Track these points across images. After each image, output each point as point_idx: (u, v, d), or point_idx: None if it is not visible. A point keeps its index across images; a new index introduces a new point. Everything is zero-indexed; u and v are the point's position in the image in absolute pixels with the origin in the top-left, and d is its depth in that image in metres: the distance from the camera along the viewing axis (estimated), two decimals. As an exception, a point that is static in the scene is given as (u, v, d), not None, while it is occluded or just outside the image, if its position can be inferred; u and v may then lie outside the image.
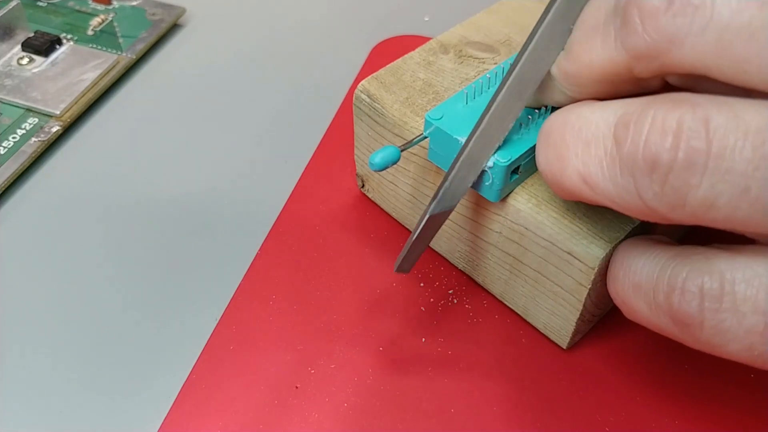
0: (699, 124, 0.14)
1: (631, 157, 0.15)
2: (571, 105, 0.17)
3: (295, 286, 0.23)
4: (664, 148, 0.14)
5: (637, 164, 0.15)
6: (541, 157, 0.17)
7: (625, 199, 0.15)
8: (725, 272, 0.15)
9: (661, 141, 0.14)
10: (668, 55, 0.15)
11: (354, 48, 0.33)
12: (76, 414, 0.20)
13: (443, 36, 0.25)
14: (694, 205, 0.14)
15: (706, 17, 0.14)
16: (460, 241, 0.22)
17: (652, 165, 0.14)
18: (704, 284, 0.15)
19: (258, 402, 0.20)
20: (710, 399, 0.21)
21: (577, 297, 0.20)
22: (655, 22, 0.15)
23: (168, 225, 0.25)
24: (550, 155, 0.17)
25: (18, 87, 0.29)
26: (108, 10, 0.34)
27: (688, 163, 0.14)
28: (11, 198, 0.26)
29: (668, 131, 0.14)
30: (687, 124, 0.14)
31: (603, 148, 0.15)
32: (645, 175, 0.15)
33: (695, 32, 0.14)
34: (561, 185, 0.17)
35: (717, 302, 0.15)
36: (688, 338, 0.16)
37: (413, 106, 0.22)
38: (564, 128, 0.17)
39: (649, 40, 0.15)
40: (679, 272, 0.16)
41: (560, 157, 0.17)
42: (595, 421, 0.20)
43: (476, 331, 0.22)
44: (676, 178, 0.14)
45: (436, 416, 0.20)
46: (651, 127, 0.14)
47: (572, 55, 0.17)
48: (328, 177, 0.27)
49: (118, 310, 0.23)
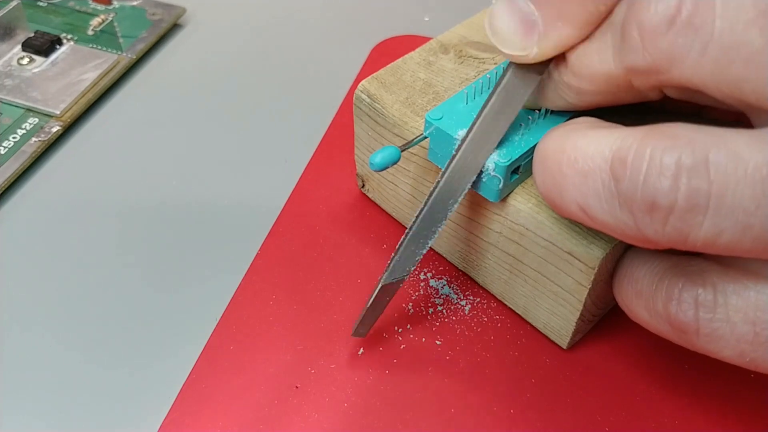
0: (699, 163, 0.14)
1: (630, 196, 0.15)
2: (567, 129, 0.17)
3: (295, 286, 0.23)
4: (664, 191, 0.14)
5: (637, 203, 0.15)
6: (538, 180, 0.17)
7: (625, 231, 0.15)
8: (717, 284, 0.16)
9: (659, 183, 0.14)
10: (667, 74, 0.15)
11: (354, 48, 0.33)
12: (76, 414, 0.20)
13: (443, 36, 0.25)
14: (696, 242, 0.14)
15: (707, 38, 0.14)
16: (460, 241, 0.22)
17: (651, 206, 0.14)
18: (699, 295, 0.16)
19: (258, 402, 0.20)
20: (710, 399, 0.21)
21: (577, 297, 0.20)
22: (655, 41, 0.15)
23: (168, 225, 0.25)
24: (547, 181, 0.17)
25: (18, 87, 0.29)
26: (108, 10, 0.34)
27: (690, 205, 0.14)
28: (11, 198, 0.26)
29: (666, 172, 0.14)
30: (686, 164, 0.14)
31: (600, 181, 0.15)
32: (645, 214, 0.15)
33: (696, 52, 0.14)
34: (559, 210, 0.17)
35: (711, 312, 0.16)
36: (686, 343, 0.17)
37: (413, 106, 0.22)
38: (560, 157, 0.16)
39: (649, 58, 0.15)
40: (675, 283, 0.17)
41: (557, 186, 0.16)
42: (595, 420, 0.20)
43: (476, 331, 0.22)
44: (678, 219, 0.14)
45: (436, 416, 0.20)
46: (649, 167, 0.14)
47: (573, 69, 0.17)
48: (328, 177, 0.27)
49: (118, 310, 0.23)
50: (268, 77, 0.32)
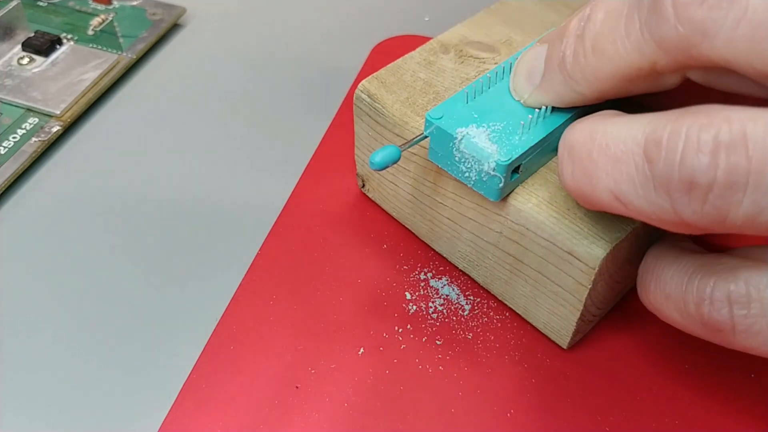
0: (737, 139, 0.14)
1: (666, 177, 0.14)
2: (593, 119, 0.17)
3: (295, 286, 0.23)
4: (702, 168, 0.14)
5: (673, 184, 0.14)
6: (566, 173, 0.17)
7: (661, 216, 0.15)
8: (750, 279, 0.16)
9: (697, 160, 0.14)
10: (698, 48, 0.15)
11: (354, 48, 0.33)
12: (76, 414, 0.20)
13: (443, 36, 0.25)
14: (736, 221, 0.14)
15: (741, 11, 0.14)
16: (460, 240, 0.22)
17: (689, 185, 0.14)
18: (731, 293, 0.16)
19: (258, 402, 0.20)
20: (710, 399, 0.21)
21: (577, 297, 0.20)
22: (689, 12, 0.15)
23: (168, 225, 0.25)
24: (576, 172, 0.17)
25: (18, 87, 0.29)
26: (108, 10, 0.34)
27: (729, 182, 0.14)
28: (11, 198, 0.26)
29: (704, 149, 0.14)
30: (724, 140, 0.14)
31: (634, 165, 0.15)
32: (683, 194, 0.14)
33: (729, 26, 0.14)
34: (590, 201, 0.17)
35: (745, 308, 0.16)
36: (722, 342, 0.17)
37: (414, 105, 0.22)
38: (590, 145, 0.16)
39: (682, 30, 0.15)
40: (706, 283, 0.16)
41: (588, 175, 0.16)
42: (595, 420, 0.20)
43: (476, 331, 0.22)
44: (717, 197, 0.14)
45: (436, 416, 0.20)
46: (685, 145, 0.14)
47: (594, 47, 0.17)
48: (328, 177, 0.27)
49: (118, 310, 0.23)
50: (268, 77, 0.32)
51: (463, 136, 0.19)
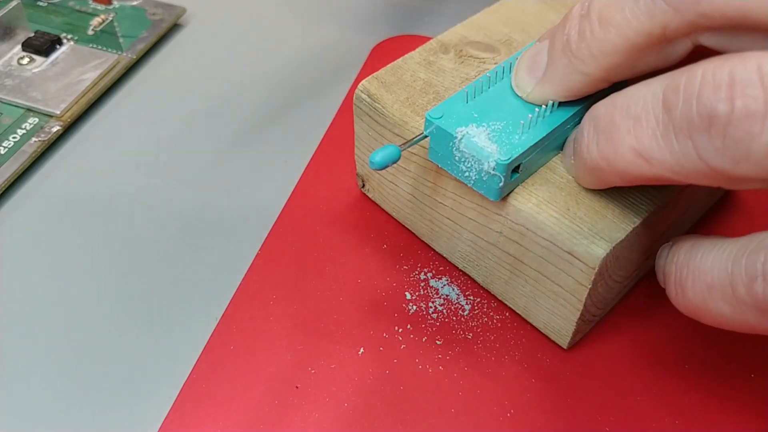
0: (752, 73, 0.14)
1: (686, 118, 0.15)
2: (615, 93, 0.17)
3: (295, 286, 0.23)
4: (720, 100, 0.14)
5: (693, 123, 0.14)
6: (591, 145, 0.17)
7: (684, 165, 0.15)
8: None
9: (715, 95, 0.14)
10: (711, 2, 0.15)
11: (354, 48, 0.33)
12: (76, 414, 0.20)
13: (443, 36, 0.25)
14: (758, 154, 0.14)
15: None
16: (461, 241, 0.22)
17: (708, 120, 0.14)
18: None
19: (258, 402, 0.20)
20: (710, 399, 0.21)
21: (577, 297, 0.20)
22: None
23: (168, 225, 0.25)
24: (600, 141, 0.17)
25: (18, 87, 0.29)
26: (108, 10, 0.34)
27: (747, 112, 0.14)
28: (11, 198, 0.26)
29: (721, 84, 0.14)
30: (740, 75, 0.14)
31: (654, 118, 0.15)
32: (703, 132, 0.14)
33: None
34: (615, 167, 0.17)
35: None
36: None
37: (413, 105, 0.22)
38: (612, 110, 0.16)
39: None
40: (755, 259, 0.15)
41: (611, 139, 0.16)
42: (595, 420, 0.20)
43: (476, 331, 0.22)
44: (736, 129, 0.14)
45: (436, 416, 0.20)
46: (702, 84, 0.14)
47: (600, 19, 0.17)
48: (328, 177, 0.27)
49: (118, 310, 0.23)
50: (268, 77, 0.32)
51: (463, 135, 0.19)
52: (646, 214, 0.19)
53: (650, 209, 0.20)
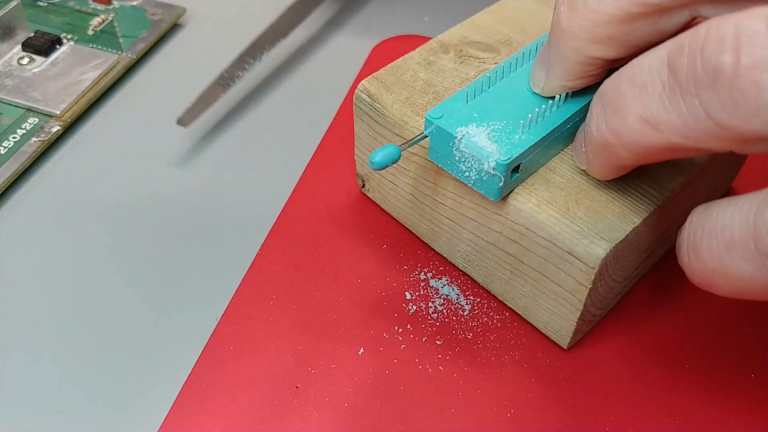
0: (758, 24, 0.13)
1: (691, 75, 0.14)
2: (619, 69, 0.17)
3: (295, 286, 0.23)
4: (725, 52, 0.14)
5: (699, 79, 0.14)
6: (600, 121, 0.17)
7: (693, 127, 0.15)
8: None
9: (720, 48, 0.14)
10: None
11: (354, 48, 0.33)
12: (76, 414, 0.20)
13: (443, 36, 0.25)
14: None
15: None
16: (461, 240, 0.22)
17: (714, 74, 0.14)
18: None
19: (258, 402, 0.20)
20: (710, 399, 0.21)
21: (577, 297, 0.20)
22: None
23: (168, 225, 0.25)
24: (608, 114, 0.17)
25: (18, 87, 0.29)
26: (108, 10, 0.34)
27: (754, 61, 0.13)
28: (11, 198, 0.26)
29: (725, 37, 0.14)
30: (745, 26, 0.14)
31: (660, 83, 0.15)
32: (709, 87, 0.14)
33: None
34: (624, 140, 0.16)
35: None
36: None
37: (413, 105, 0.22)
38: (618, 82, 0.16)
39: None
40: None
41: (618, 110, 0.16)
42: (595, 421, 0.20)
43: (476, 331, 0.22)
44: (744, 80, 0.14)
45: (436, 416, 0.20)
46: (706, 39, 0.14)
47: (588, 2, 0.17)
48: (328, 177, 0.27)
49: (118, 310, 0.23)
50: (268, 77, 0.32)
51: (463, 135, 0.19)
52: (646, 214, 0.19)
53: (650, 209, 0.20)
